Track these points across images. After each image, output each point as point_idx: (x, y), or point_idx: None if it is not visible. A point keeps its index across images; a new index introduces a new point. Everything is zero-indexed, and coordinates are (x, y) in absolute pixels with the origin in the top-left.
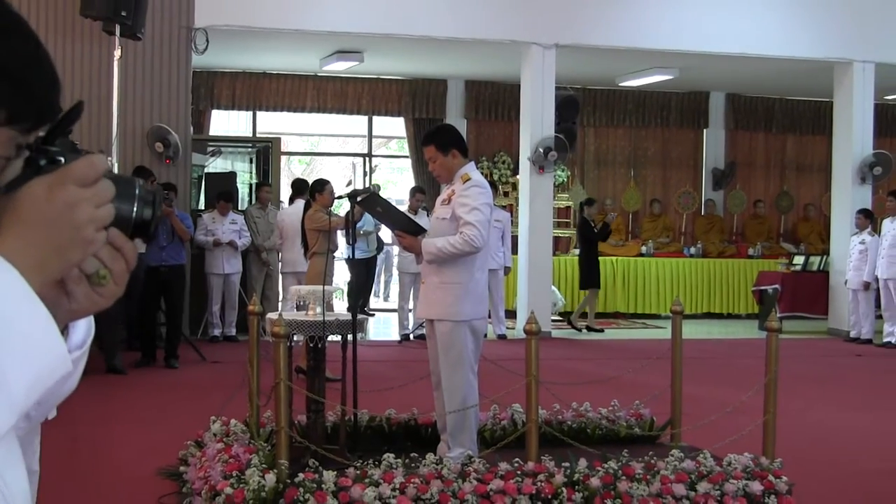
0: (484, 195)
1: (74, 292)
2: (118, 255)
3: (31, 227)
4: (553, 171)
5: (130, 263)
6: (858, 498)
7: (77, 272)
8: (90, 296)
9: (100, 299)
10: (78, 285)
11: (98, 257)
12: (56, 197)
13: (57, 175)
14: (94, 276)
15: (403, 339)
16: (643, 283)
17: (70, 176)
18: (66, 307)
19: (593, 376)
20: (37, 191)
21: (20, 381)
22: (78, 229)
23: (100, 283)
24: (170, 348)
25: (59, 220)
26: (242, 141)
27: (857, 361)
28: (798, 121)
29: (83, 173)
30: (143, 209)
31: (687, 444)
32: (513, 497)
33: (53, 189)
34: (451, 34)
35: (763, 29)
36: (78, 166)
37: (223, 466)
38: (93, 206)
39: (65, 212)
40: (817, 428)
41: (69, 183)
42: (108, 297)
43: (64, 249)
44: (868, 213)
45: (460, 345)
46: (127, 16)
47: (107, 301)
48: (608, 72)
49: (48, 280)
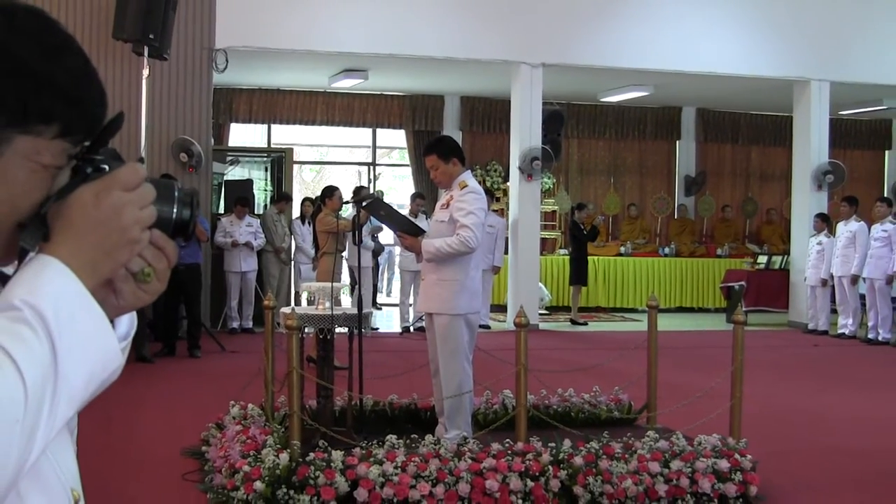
0: (479, 200)
1: (122, 290)
2: (160, 253)
3: (82, 231)
4: (540, 179)
5: (171, 261)
6: (816, 473)
7: (124, 271)
8: (135, 292)
9: (144, 295)
10: (125, 283)
11: (142, 256)
12: (103, 202)
13: (103, 181)
14: (139, 273)
15: (404, 331)
16: (622, 280)
17: (115, 182)
18: (114, 303)
19: (577, 365)
20: (85, 197)
21: (79, 376)
22: (125, 231)
23: (144, 281)
24: (192, 340)
25: (107, 223)
26: (258, 151)
27: (814, 351)
28: (761, 133)
29: (127, 179)
30: (183, 210)
31: (661, 426)
32: (504, 474)
33: (100, 195)
34: (447, 54)
35: (730, 51)
36: (122, 172)
37: (241, 446)
38: (137, 208)
39: (112, 215)
40: (779, 411)
41: (115, 188)
42: (151, 294)
43: (113, 250)
44: (824, 217)
45: (456, 336)
46: (154, 38)
47: (150, 297)
48: (590, 88)
49: (100, 280)
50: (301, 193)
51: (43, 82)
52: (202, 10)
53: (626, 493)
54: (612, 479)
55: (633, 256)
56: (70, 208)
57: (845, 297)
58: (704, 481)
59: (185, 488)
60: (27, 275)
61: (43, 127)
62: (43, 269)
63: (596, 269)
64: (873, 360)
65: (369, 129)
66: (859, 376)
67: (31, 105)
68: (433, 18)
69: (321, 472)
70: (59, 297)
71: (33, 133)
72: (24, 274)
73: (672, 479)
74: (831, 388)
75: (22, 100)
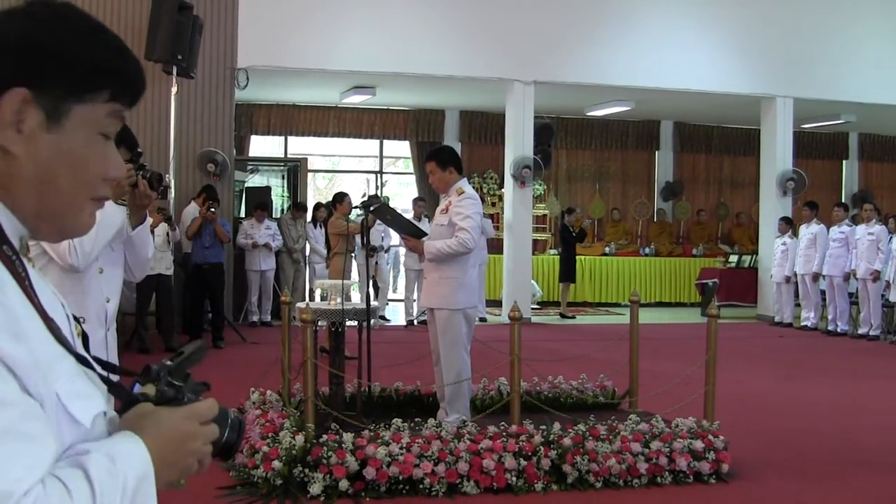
0: (475, 205)
1: None
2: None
3: (164, 440)
4: (532, 186)
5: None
6: (782, 452)
7: None
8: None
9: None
10: None
11: None
12: (184, 428)
13: (189, 411)
14: (177, 482)
15: (409, 324)
16: (606, 278)
17: (195, 414)
18: None
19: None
20: (175, 418)
21: None
22: (192, 454)
23: (177, 486)
24: (216, 332)
25: (183, 443)
26: (276, 161)
27: (779, 341)
28: (732, 145)
29: (204, 414)
30: (231, 434)
31: (642, 410)
32: (499, 454)
33: (184, 422)
34: (448, 73)
35: (704, 70)
36: (200, 408)
37: (261, 429)
38: (203, 441)
39: (186, 440)
40: (748, 395)
41: (194, 420)
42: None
43: (178, 462)
44: (788, 220)
45: (456, 329)
46: (182, 59)
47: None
48: (578, 104)
49: (163, 482)
50: (315, 199)
51: (90, 56)
52: (226, 32)
53: (610, 470)
54: (598, 458)
55: (616, 256)
56: (160, 415)
57: (807, 293)
58: (681, 460)
59: (209, 467)
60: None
61: (95, 94)
62: (137, 448)
63: (583, 268)
64: (833, 350)
65: (377, 140)
66: (820, 364)
67: (83, 76)
68: (435, 40)
69: (333, 453)
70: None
71: (88, 101)
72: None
73: (652, 458)
74: (796, 375)
75: (76, 73)
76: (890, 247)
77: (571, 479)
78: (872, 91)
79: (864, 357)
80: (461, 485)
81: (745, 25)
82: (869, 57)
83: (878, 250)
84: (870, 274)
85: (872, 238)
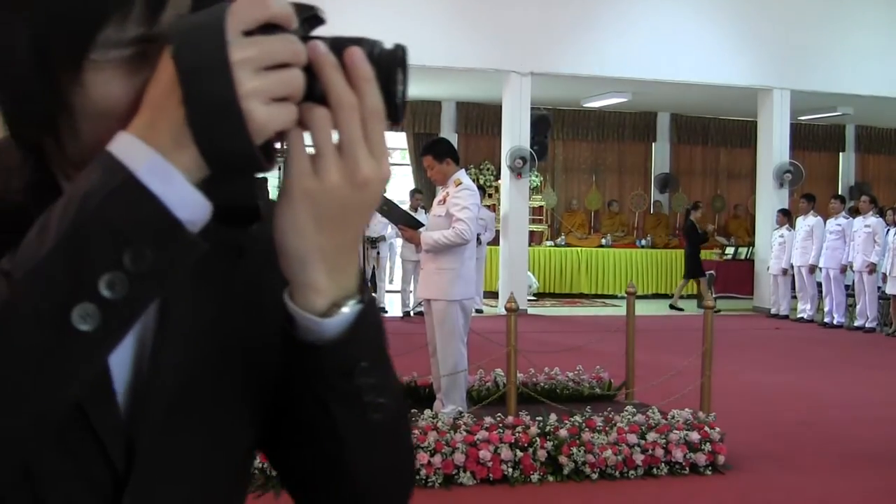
0: (472, 196)
1: None
2: None
3: None
4: (528, 177)
5: None
6: (778, 444)
7: None
8: None
9: None
10: None
11: None
12: None
13: None
14: None
15: (405, 315)
16: (603, 269)
17: None
18: None
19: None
20: None
21: None
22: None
23: None
24: None
25: None
26: None
27: (776, 333)
28: (729, 137)
29: None
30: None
31: (638, 401)
32: (496, 445)
33: None
34: (444, 64)
35: (701, 62)
36: None
37: None
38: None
39: None
40: (745, 387)
41: None
42: None
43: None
44: (786, 212)
45: (452, 320)
46: None
47: None
48: (574, 95)
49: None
50: None
51: None
52: None
53: (606, 462)
54: (594, 449)
55: (612, 248)
56: None
57: (804, 285)
58: (677, 451)
59: None
60: None
61: None
62: None
63: (579, 259)
64: (829, 342)
65: None
66: (817, 356)
67: None
68: (432, 32)
69: None
70: None
71: None
72: None
73: (648, 449)
74: (792, 367)
75: None
76: (887, 239)
77: (567, 470)
78: (869, 83)
79: (860, 349)
80: (457, 476)
81: (742, 17)
82: (866, 49)
83: (874, 242)
84: (866, 266)
85: (869, 230)
